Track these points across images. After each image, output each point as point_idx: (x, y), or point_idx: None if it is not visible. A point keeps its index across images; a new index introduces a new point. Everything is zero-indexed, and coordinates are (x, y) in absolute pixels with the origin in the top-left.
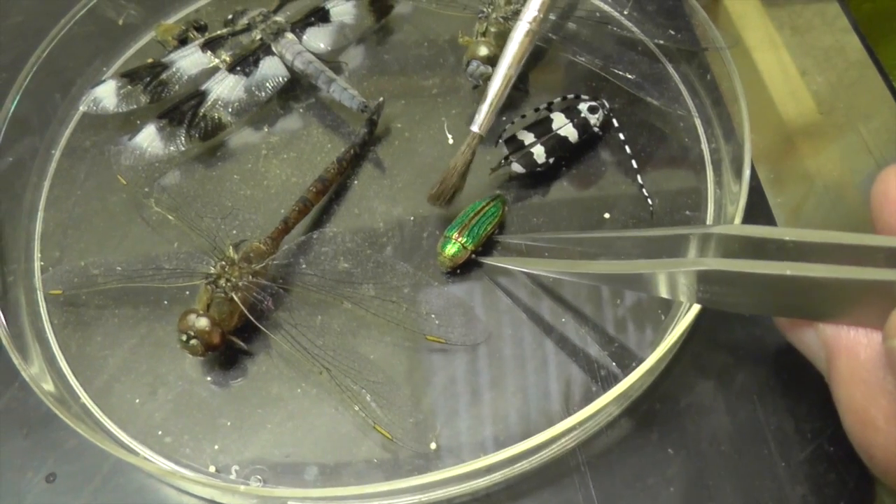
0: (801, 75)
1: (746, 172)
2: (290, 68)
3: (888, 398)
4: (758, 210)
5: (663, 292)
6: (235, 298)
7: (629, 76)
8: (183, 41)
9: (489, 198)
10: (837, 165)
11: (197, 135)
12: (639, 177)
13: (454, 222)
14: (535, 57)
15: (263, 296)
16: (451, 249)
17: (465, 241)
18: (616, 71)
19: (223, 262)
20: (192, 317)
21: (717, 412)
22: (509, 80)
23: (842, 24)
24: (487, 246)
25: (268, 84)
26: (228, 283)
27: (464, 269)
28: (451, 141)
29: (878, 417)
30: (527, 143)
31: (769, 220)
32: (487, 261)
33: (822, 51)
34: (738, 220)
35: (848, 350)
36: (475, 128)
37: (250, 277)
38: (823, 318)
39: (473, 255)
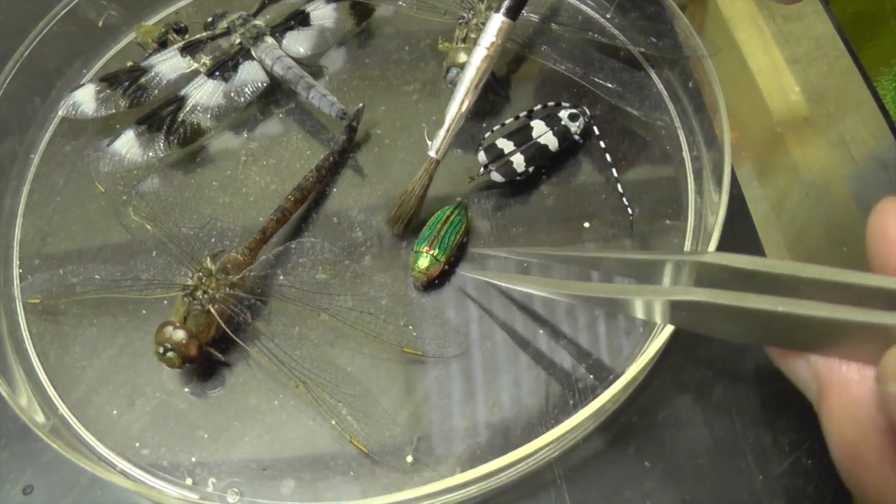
0: (791, 64)
1: (726, 186)
2: (269, 73)
3: (879, 436)
4: (738, 217)
5: (649, 317)
6: (212, 311)
7: (610, 85)
8: (163, 44)
9: (451, 206)
10: (824, 157)
11: (176, 141)
12: (619, 186)
13: (422, 236)
14: (517, 63)
15: (241, 308)
16: (423, 263)
17: (437, 254)
18: (597, 80)
19: (200, 274)
20: (169, 329)
21: (695, 425)
22: (467, 106)
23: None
24: (461, 255)
25: (247, 89)
26: (205, 296)
27: (441, 281)
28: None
29: (869, 455)
30: (506, 151)
31: (749, 228)
32: (470, 274)
33: (812, 39)
34: (716, 232)
35: (840, 385)
36: (432, 153)
37: (227, 289)
38: (815, 350)
39: (447, 267)
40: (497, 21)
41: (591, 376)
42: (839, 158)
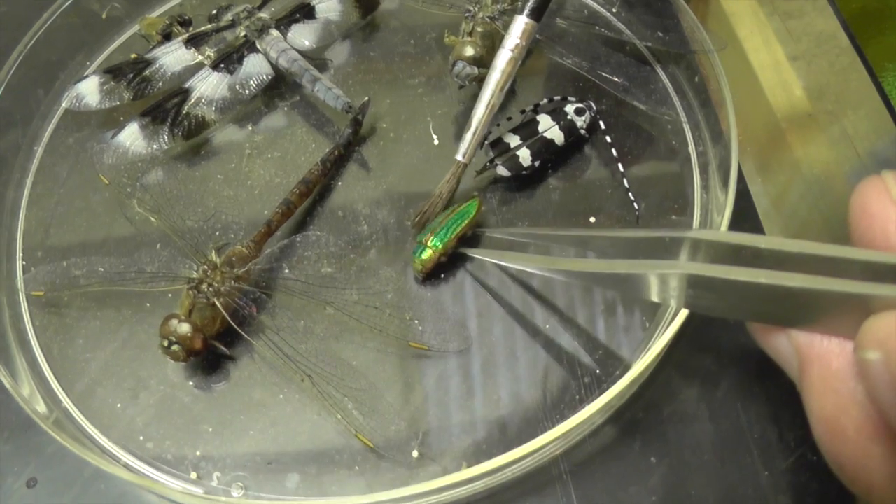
0: (792, 61)
1: (732, 183)
2: (274, 66)
3: (858, 408)
4: (743, 212)
5: (639, 292)
6: (217, 304)
7: (616, 79)
8: (167, 36)
9: (466, 200)
10: (826, 153)
11: (180, 133)
12: (625, 180)
13: (428, 226)
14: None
15: (246, 301)
16: (422, 254)
17: (433, 244)
18: (603, 74)
19: (205, 267)
20: (174, 322)
21: (701, 420)
22: (493, 108)
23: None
24: (472, 239)
25: (252, 82)
26: (210, 289)
27: (447, 274)
28: (436, 142)
29: (848, 427)
30: (512, 145)
31: (754, 221)
32: (473, 253)
33: (813, 36)
34: (723, 228)
35: (820, 358)
36: (460, 157)
37: (233, 282)
38: (797, 325)
39: (444, 259)
40: (521, 23)
41: (598, 371)
42: (841, 154)
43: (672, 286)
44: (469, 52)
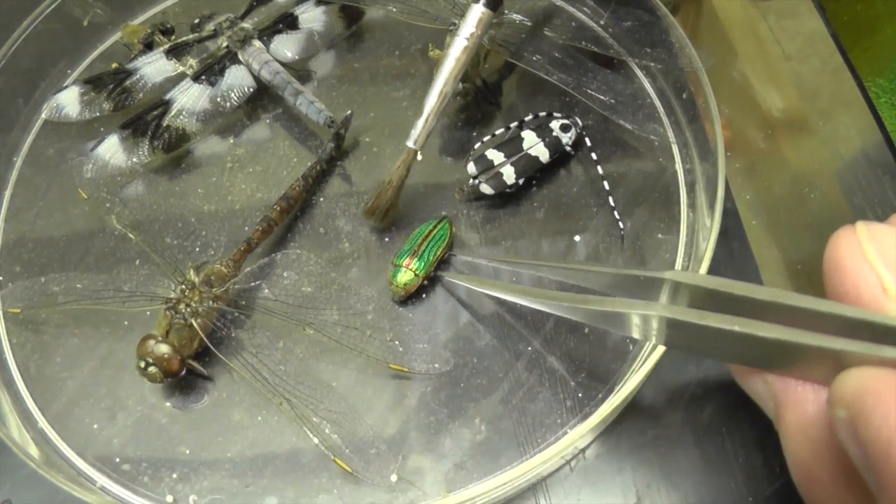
0: (785, 62)
1: (718, 211)
2: (256, 78)
3: (833, 456)
4: (731, 231)
5: (620, 328)
6: (195, 325)
7: (602, 98)
8: (149, 45)
9: (435, 220)
10: (816, 155)
11: (160, 146)
12: (611, 199)
13: (403, 249)
14: (508, 71)
15: (224, 322)
16: (402, 278)
17: (417, 268)
18: (590, 92)
19: (183, 286)
20: (151, 343)
21: (685, 445)
22: (445, 96)
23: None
24: (447, 263)
25: (233, 94)
26: (188, 309)
27: (428, 295)
28: (419, 157)
29: (823, 473)
30: (496, 163)
31: (741, 240)
32: (454, 279)
33: (807, 36)
34: (709, 252)
35: (795, 404)
36: (410, 143)
37: (211, 302)
38: (772, 369)
39: (425, 282)
40: (477, 11)
41: (580, 394)
42: (831, 156)
43: (652, 325)
44: None
